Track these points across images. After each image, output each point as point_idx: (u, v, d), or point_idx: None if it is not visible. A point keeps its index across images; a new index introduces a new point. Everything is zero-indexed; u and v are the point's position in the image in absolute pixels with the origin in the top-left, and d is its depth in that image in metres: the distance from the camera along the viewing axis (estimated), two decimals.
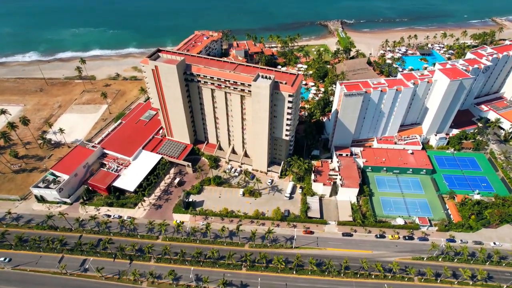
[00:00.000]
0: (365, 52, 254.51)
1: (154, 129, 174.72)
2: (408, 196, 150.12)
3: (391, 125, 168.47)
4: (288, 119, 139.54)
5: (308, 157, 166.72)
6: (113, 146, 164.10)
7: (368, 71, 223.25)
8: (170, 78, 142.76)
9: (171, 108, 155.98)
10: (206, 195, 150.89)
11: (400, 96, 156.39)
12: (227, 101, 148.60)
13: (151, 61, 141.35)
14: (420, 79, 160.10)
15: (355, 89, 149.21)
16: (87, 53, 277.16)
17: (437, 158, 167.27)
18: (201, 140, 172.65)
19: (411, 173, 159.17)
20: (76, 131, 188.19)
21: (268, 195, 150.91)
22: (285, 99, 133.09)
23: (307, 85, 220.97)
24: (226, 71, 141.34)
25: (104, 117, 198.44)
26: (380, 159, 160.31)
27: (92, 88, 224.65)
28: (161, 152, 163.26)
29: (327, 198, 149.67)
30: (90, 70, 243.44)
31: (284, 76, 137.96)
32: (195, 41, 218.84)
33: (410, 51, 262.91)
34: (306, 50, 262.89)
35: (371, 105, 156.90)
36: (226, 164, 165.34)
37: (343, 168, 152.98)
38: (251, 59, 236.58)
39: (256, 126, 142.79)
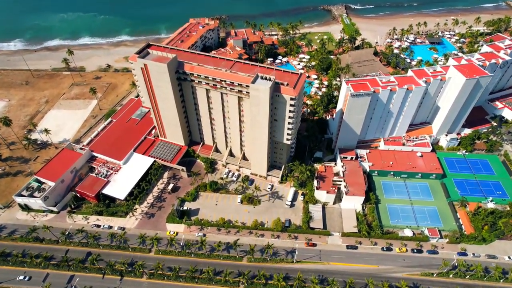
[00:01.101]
0: (371, 40, 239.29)
1: (146, 129, 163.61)
2: (417, 203, 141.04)
3: (400, 125, 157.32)
4: (289, 123, 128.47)
5: (311, 159, 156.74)
6: (103, 148, 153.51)
7: (375, 63, 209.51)
8: (161, 78, 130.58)
9: (163, 108, 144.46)
10: (202, 203, 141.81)
11: (410, 95, 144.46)
12: (223, 102, 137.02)
13: (139, 59, 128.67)
14: (433, 77, 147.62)
15: (362, 88, 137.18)
16: (76, 41, 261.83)
17: (447, 161, 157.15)
18: (196, 141, 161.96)
19: (419, 177, 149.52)
20: (64, 129, 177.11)
21: (268, 203, 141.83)
22: (287, 102, 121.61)
23: (310, 77, 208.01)
24: (222, 70, 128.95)
25: (94, 114, 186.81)
26: (387, 162, 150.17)
27: (82, 81, 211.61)
28: (153, 155, 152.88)
29: (331, 205, 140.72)
30: (79, 61, 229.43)
31: (285, 76, 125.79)
32: (190, 30, 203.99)
33: (419, 39, 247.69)
34: (308, 38, 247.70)
35: (379, 105, 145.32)
36: (223, 167, 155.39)
37: (347, 174, 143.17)
38: (250, 49, 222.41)
39: (254, 130, 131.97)
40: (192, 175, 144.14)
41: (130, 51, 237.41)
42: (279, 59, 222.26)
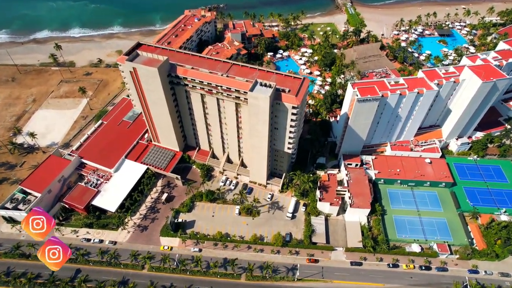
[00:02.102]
0: (376, 32, 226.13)
1: (138, 133, 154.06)
2: (425, 214, 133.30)
3: (408, 129, 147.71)
4: (291, 132, 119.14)
5: (313, 165, 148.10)
6: (93, 154, 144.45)
7: (381, 58, 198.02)
8: (152, 82, 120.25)
9: (155, 113, 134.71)
10: (198, 214, 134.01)
11: (421, 99, 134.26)
12: (219, 108, 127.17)
13: (128, 62, 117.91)
14: (446, 79, 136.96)
15: (370, 93, 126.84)
16: (66, 33, 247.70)
17: (457, 167, 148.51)
18: (192, 145, 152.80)
19: (428, 185, 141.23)
20: (52, 132, 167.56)
21: (268, 214, 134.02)
22: (288, 111, 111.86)
23: (312, 74, 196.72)
24: (218, 73, 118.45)
25: (84, 114, 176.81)
26: (394, 170, 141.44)
27: (71, 78, 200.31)
28: (146, 161, 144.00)
29: (334, 217, 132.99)
30: (69, 55, 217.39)
31: (287, 81, 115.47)
32: (185, 23, 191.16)
33: (427, 31, 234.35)
34: (311, 30, 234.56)
35: (387, 109, 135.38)
36: (220, 174, 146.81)
37: (352, 183, 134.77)
38: (249, 43, 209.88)
39: (253, 139, 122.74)
40: (187, 185, 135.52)
41: (123, 44, 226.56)
42: (280, 53, 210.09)
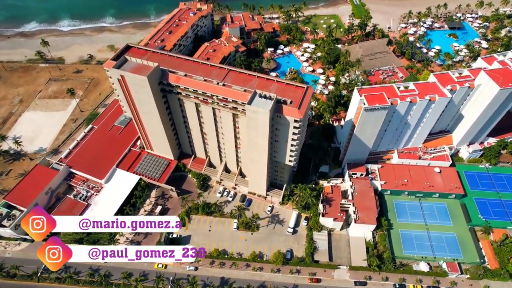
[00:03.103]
0: (382, 25, 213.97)
1: (130, 139, 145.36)
2: (433, 228, 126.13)
3: (417, 136, 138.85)
4: (292, 145, 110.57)
5: (316, 174, 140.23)
6: (82, 163, 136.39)
7: (388, 55, 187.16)
8: (142, 91, 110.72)
9: (147, 122, 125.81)
10: (194, 228, 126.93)
11: (432, 106, 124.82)
12: (215, 117, 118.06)
13: (115, 70, 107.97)
14: (459, 84, 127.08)
15: (378, 101, 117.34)
16: (55, 25, 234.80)
17: (468, 175, 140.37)
18: (187, 153, 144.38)
19: (437, 197, 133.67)
20: (40, 136, 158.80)
21: (267, 228, 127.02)
22: (290, 125, 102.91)
23: (315, 72, 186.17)
24: (214, 81, 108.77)
25: (74, 117, 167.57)
26: (401, 180, 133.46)
27: (60, 76, 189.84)
28: (139, 171, 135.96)
29: (337, 231, 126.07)
30: (58, 50, 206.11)
31: (288, 90, 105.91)
32: (180, 18, 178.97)
33: (437, 23, 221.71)
34: (313, 22, 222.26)
35: (396, 117, 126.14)
36: (217, 184, 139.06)
37: (357, 196, 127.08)
38: (248, 37, 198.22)
39: (252, 152, 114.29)
40: (183, 200, 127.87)
41: (115, 38, 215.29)
42: (281, 48, 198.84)
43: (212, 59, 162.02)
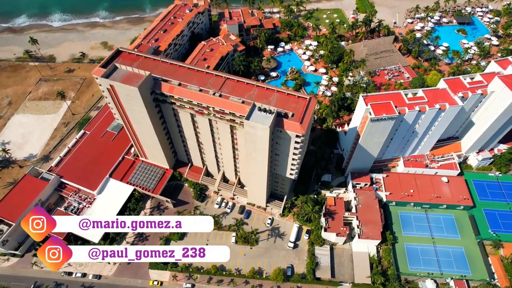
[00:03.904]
0: (388, 20, 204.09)
1: (124, 146, 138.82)
2: (440, 242, 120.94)
3: (424, 144, 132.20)
4: (294, 159, 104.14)
5: (318, 184, 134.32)
6: (74, 173, 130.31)
7: (393, 54, 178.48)
8: (133, 101, 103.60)
9: (140, 131, 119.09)
10: (190, 242, 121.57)
11: (442, 115, 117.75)
12: (212, 128, 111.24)
13: (104, 80, 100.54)
14: (471, 91, 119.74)
15: (385, 110, 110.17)
16: (45, 20, 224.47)
17: (477, 184, 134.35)
18: (183, 161, 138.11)
19: (444, 208, 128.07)
20: (30, 141, 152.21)
21: (267, 242, 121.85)
22: (291, 139, 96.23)
23: (317, 71, 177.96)
24: (210, 91, 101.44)
25: (65, 120, 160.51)
26: (407, 190, 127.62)
27: (51, 76, 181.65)
28: (132, 181, 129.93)
29: (340, 245, 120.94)
30: (48, 47, 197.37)
31: (290, 101, 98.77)
32: (175, 15, 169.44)
33: (445, 18, 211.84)
34: (315, 17, 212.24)
35: (404, 125, 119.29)
36: (215, 194, 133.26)
37: (361, 208, 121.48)
38: (247, 34, 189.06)
39: (251, 166, 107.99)
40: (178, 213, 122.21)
41: (108, 34, 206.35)
42: (282, 46, 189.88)
43: (210, 59, 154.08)
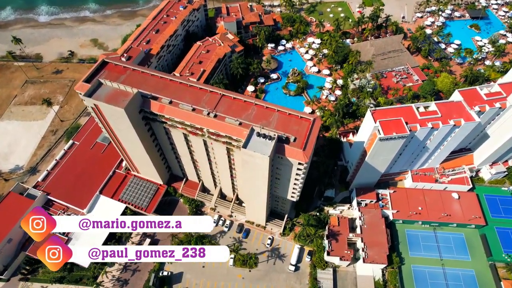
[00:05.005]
0: (396, 15, 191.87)
1: (115, 159, 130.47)
2: (449, 264, 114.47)
3: (435, 158, 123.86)
4: (295, 184, 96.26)
5: (320, 199, 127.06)
6: (62, 189, 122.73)
7: (402, 53, 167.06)
8: (119, 121, 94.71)
9: (129, 148, 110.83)
10: (186, 264, 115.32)
11: (456, 130, 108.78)
12: (207, 148, 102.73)
13: (87, 99, 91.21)
14: (489, 104, 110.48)
15: (395, 128, 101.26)
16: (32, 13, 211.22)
17: (489, 199, 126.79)
18: (178, 175, 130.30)
19: (454, 226, 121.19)
20: (16, 151, 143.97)
21: (267, 264, 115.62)
22: (293, 166, 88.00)
23: (320, 72, 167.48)
24: (204, 110, 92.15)
25: (53, 128, 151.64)
26: (415, 207, 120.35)
27: (38, 77, 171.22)
28: (124, 198, 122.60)
29: (344, 267, 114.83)
30: (35, 44, 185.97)
31: (292, 123, 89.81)
32: (168, 13, 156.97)
33: (457, 12, 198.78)
34: (318, 11, 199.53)
35: (414, 141, 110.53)
36: (211, 211, 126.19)
37: (366, 229, 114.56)
38: (245, 32, 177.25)
39: (249, 190, 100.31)
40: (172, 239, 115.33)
41: (98, 30, 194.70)
42: (283, 44, 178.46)
43: (205, 62, 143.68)
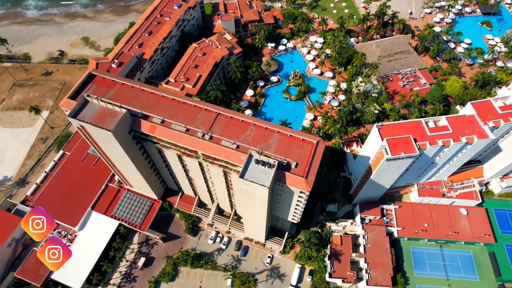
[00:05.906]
0: (403, 10, 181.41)
1: (107, 172, 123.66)
2: (456, 284, 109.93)
3: (443, 172, 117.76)
4: (297, 209, 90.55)
5: (322, 214, 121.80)
6: (52, 204, 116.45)
7: (409, 55, 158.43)
8: (108, 143, 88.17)
9: (121, 167, 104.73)
10: (182, 283, 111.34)
11: (468, 147, 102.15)
12: (202, 168, 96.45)
13: (73, 120, 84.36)
14: (504, 118, 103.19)
15: (404, 147, 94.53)
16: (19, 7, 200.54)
17: (498, 215, 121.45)
18: (173, 189, 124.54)
19: (461, 243, 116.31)
20: (5, 161, 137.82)
21: (266, 284, 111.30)
22: (294, 194, 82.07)
23: (323, 74, 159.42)
24: (198, 131, 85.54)
25: (43, 135, 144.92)
26: (421, 225, 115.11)
27: (26, 80, 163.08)
28: (117, 215, 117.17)
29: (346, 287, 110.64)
30: (22, 43, 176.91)
31: (293, 146, 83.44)
32: (162, 12, 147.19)
33: (468, 7, 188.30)
34: (321, 6, 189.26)
35: (423, 158, 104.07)
36: (208, 227, 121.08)
37: (370, 248, 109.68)
38: (244, 31, 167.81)
39: (248, 213, 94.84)
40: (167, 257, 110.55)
41: (90, 27, 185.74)
42: (283, 43, 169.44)
43: (202, 66, 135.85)
